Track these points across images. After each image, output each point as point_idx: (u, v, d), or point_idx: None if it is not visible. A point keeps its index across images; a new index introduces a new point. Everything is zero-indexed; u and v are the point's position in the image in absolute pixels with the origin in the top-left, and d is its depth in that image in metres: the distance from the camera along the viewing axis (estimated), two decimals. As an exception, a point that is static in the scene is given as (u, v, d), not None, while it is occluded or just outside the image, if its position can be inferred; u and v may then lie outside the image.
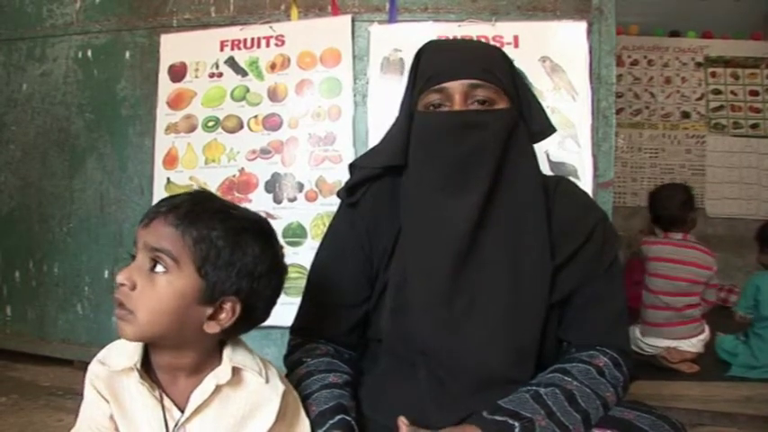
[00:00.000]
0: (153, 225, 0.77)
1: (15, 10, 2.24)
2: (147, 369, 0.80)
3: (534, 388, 0.91)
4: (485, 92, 0.97)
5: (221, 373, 0.80)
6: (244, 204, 1.94)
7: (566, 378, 0.92)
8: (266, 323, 1.60)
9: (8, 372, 2.13)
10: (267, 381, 0.83)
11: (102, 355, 0.82)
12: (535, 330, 0.96)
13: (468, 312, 0.95)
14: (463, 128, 0.96)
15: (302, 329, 1.08)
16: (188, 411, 0.79)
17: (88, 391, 0.80)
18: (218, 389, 0.80)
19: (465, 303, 0.95)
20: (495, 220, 0.96)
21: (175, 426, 0.78)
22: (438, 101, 0.98)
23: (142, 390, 0.78)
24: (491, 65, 0.99)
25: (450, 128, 0.97)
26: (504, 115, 0.99)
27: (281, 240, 1.85)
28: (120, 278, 0.75)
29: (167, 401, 0.79)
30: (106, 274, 2.11)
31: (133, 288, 0.75)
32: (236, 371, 0.81)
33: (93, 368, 0.81)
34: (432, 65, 1.01)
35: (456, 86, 0.97)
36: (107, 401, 0.78)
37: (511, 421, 0.86)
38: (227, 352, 0.82)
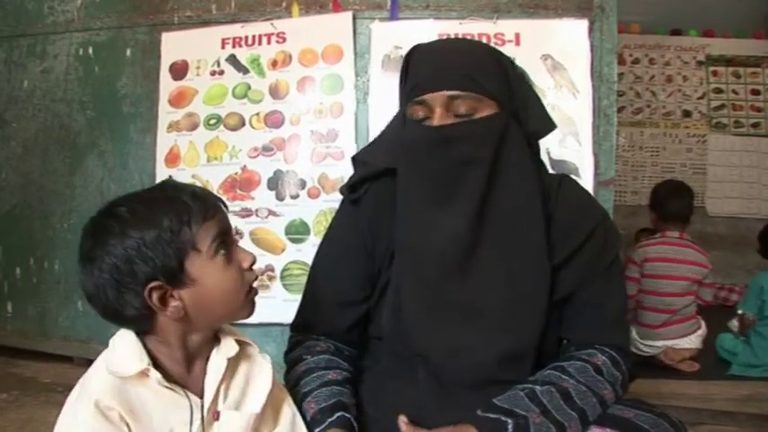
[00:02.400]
0: (223, 212, 0.81)
1: (17, 7, 2.24)
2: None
3: (530, 386, 0.91)
4: (465, 102, 0.94)
5: (228, 348, 0.80)
6: (246, 202, 1.96)
7: (562, 376, 0.92)
8: (266, 320, 1.60)
9: (9, 368, 2.14)
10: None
11: (104, 366, 0.75)
12: (533, 333, 0.95)
13: (464, 320, 0.95)
14: (444, 143, 0.95)
15: (303, 326, 1.08)
16: (209, 392, 0.77)
17: (94, 423, 0.71)
18: (228, 364, 0.80)
19: (461, 312, 0.95)
20: (489, 227, 0.96)
21: (207, 411, 0.77)
22: (422, 114, 0.97)
23: (161, 390, 0.73)
24: (474, 69, 0.96)
25: (430, 144, 0.96)
26: (489, 123, 0.96)
27: (285, 237, 1.87)
28: (251, 262, 0.80)
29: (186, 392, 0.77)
30: (107, 271, 2.11)
31: None
32: (239, 344, 0.82)
33: (100, 386, 0.72)
34: (416, 73, 0.99)
35: (436, 98, 0.95)
36: (125, 423, 0.72)
37: (504, 418, 0.86)
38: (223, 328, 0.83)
